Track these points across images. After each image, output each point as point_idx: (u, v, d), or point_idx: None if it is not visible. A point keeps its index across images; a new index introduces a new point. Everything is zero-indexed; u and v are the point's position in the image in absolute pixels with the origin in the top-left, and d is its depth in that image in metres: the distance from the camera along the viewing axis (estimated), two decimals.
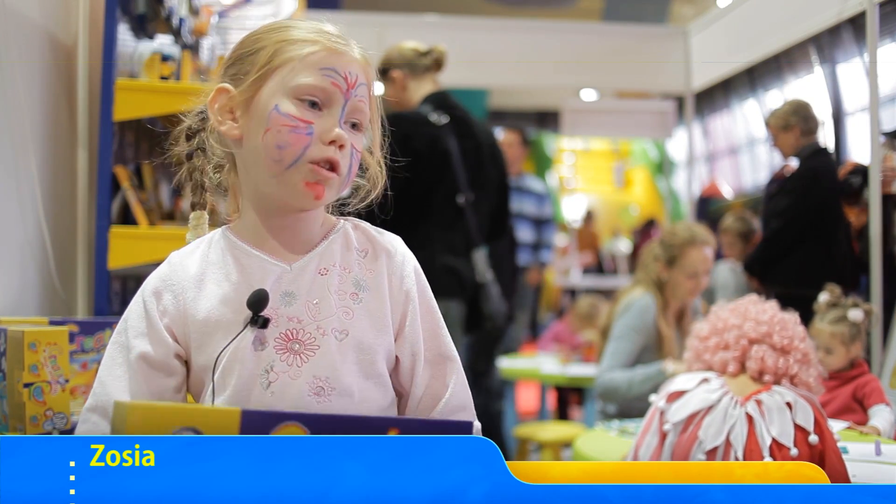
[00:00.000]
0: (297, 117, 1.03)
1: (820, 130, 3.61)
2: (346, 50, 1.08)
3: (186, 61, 2.31)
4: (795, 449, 1.65)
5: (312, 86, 1.04)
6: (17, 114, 2.02)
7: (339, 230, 1.13)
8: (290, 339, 1.05)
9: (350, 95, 1.06)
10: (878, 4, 3.18)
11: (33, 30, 2.13)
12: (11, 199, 2.01)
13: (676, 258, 2.85)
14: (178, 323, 1.07)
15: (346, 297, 1.08)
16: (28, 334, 1.43)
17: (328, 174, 1.04)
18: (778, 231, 3.51)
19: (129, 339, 1.07)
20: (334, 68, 1.06)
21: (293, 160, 1.03)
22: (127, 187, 2.22)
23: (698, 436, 1.74)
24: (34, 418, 1.43)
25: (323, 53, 1.06)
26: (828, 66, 8.85)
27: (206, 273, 1.09)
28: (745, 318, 1.89)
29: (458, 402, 1.12)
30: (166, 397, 1.06)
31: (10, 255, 2.01)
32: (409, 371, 1.11)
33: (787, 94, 9.48)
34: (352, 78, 1.06)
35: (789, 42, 4.18)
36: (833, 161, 3.57)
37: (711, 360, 1.90)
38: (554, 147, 14.41)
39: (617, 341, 2.83)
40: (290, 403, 1.02)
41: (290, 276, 1.07)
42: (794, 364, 1.82)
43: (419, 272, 1.15)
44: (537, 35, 5.25)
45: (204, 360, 1.05)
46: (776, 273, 3.52)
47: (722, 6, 4.95)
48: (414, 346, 1.11)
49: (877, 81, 3.22)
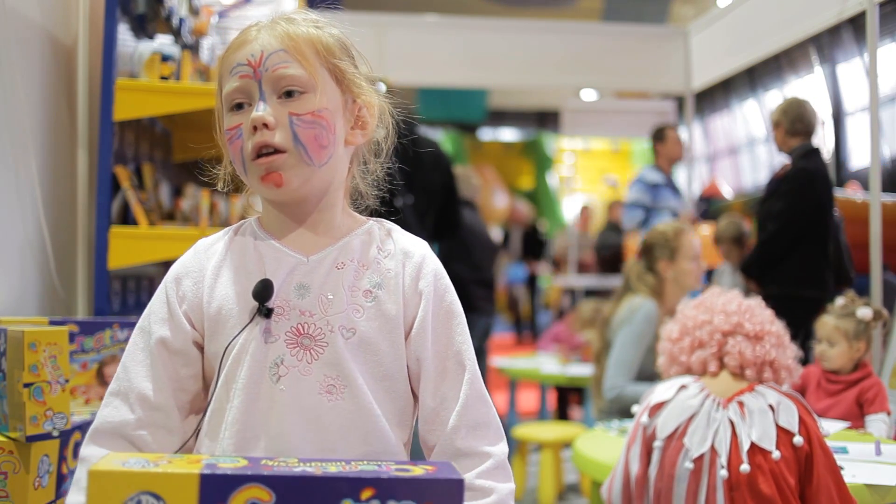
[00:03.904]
0: (229, 128, 1.05)
1: (814, 132, 3.61)
2: (251, 37, 1.06)
3: (186, 61, 2.31)
4: (778, 451, 1.63)
5: (229, 92, 1.05)
6: (17, 114, 2.02)
7: (364, 228, 1.12)
8: (301, 334, 1.02)
9: (260, 74, 1.04)
10: (878, 4, 3.18)
11: (33, 30, 2.13)
12: (11, 199, 2.02)
13: (677, 249, 2.95)
14: (196, 310, 1.06)
15: (359, 295, 1.05)
16: (28, 334, 1.43)
17: (271, 158, 1.02)
18: (773, 234, 3.52)
19: (150, 323, 1.07)
20: (238, 62, 1.05)
21: (241, 165, 1.05)
22: (127, 187, 2.22)
23: (684, 444, 1.72)
24: (34, 418, 1.43)
25: (230, 54, 1.07)
26: (828, 66, 8.86)
27: (227, 261, 1.08)
28: (712, 311, 1.86)
29: (473, 418, 1.05)
30: (185, 385, 1.06)
31: (10, 255, 2.01)
32: (416, 377, 1.07)
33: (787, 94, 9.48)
34: (256, 57, 1.04)
35: (789, 42, 4.18)
36: (824, 162, 3.58)
37: (689, 361, 1.86)
38: (554, 147, 14.41)
39: (623, 350, 2.84)
40: (300, 401, 1.00)
41: (306, 268, 1.06)
42: (770, 349, 1.79)
43: (439, 276, 1.10)
44: (537, 35, 5.25)
45: (215, 349, 1.05)
46: (773, 275, 3.53)
47: (722, 6, 4.96)
48: (419, 350, 1.06)
49: (877, 81, 3.22)
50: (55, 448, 1.50)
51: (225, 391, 1.03)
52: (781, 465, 1.62)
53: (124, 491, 0.78)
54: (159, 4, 2.55)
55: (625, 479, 1.81)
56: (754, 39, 4.42)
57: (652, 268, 2.97)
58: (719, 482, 1.65)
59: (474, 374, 1.08)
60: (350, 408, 1.01)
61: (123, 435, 1.03)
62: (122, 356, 1.09)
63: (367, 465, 0.84)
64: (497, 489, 1.03)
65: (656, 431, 1.78)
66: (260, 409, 1.00)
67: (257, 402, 1.00)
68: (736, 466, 1.64)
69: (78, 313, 2.27)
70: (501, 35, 5.16)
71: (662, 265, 2.94)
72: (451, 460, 1.03)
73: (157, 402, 1.04)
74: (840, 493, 1.61)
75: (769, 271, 3.54)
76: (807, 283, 3.43)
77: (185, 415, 1.06)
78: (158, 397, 1.04)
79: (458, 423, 1.05)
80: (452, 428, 1.04)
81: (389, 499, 0.79)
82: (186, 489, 0.78)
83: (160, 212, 2.42)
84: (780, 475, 1.61)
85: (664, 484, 1.73)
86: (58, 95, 2.27)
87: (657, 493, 1.75)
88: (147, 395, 1.03)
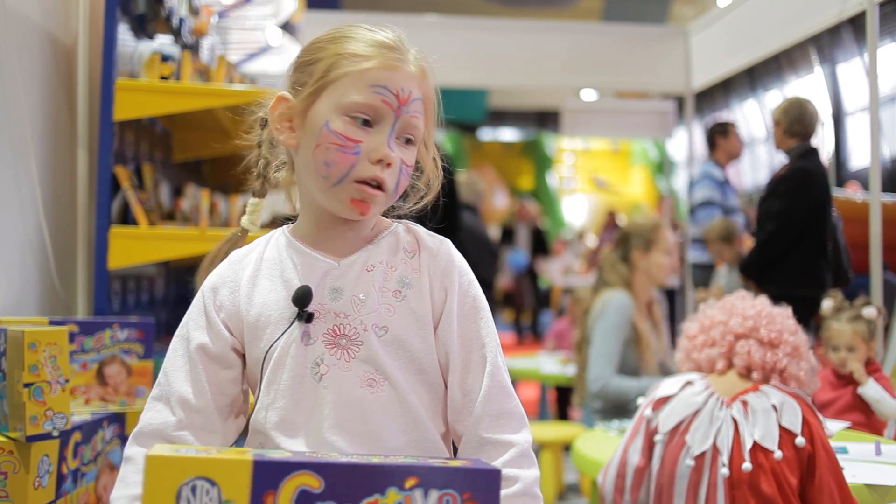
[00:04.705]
0: (345, 136, 1.05)
1: (813, 133, 3.61)
2: (399, 65, 1.08)
3: (186, 61, 2.30)
4: (780, 451, 1.63)
5: (363, 104, 1.05)
6: (17, 114, 2.02)
7: (390, 231, 1.16)
8: (338, 335, 1.07)
9: (401, 112, 1.07)
10: (878, 4, 3.18)
11: (33, 30, 2.13)
12: (11, 199, 2.01)
13: (653, 241, 3.02)
14: (234, 318, 1.11)
15: (389, 295, 1.10)
16: (28, 334, 1.43)
17: (373, 192, 1.06)
18: (771, 233, 3.52)
19: (189, 331, 1.12)
20: (386, 86, 1.06)
21: (339, 178, 1.05)
22: (127, 187, 2.22)
23: (686, 441, 1.72)
24: (34, 418, 1.43)
25: (376, 70, 1.06)
26: (828, 66, 8.86)
27: (261, 270, 1.13)
28: (731, 314, 1.86)
29: (496, 408, 1.10)
30: (224, 389, 1.10)
31: (10, 255, 2.01)
32: (445, 369, 1.12)
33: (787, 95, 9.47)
34: (404, 94, 1.07)
35: (789, 42, 4.18)
36: (821, 163, 3.58)
37: (699, 357, 1.88)
38: (554, 147, 14.41)
39: (602, 343, 2.88)
40: (344, 396, 1.05)
41: (338, 272, 1.10)
42: (783, 358, 1.78)
43: (464, 273, 1.14)
44: (537, 35, 5.25)
45: (257, 354, 1.09)
46: (771, 274, 3.53)
47: (722, 6, 4.96)
48: (447, 344, 1.11)
49: (877, 81, 3.22)
50: (55, 448, 1.50)
51: (266, 393, 1.08)
52: (783, 464, 1.62)
53: (180, 476, 0.81)
54: (159, 4, 2.55)
55: (620, 468, 1.83)
56: (754, 39, 4.42)
57: (626, 258, 3.03)
58: (720, 480, 1.65)
59: (496, 365, 1.12)
60: (392, 399, 1.06)
61: (165, 436, 1.07)
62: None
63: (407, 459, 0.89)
64: (521, 477, 1.06)
65: (659, 426, 1.78)
66: (305, 408, 1.06)
67: (302, 401, 1.06)
68: (738, 465, 1.64)
69: (78, 313, 2.27)
70: (501, 35, 5.16)
71: (636, 255, 3.01)
72: (476, 449, 1.08)
73: (197, 405, 1.08)
74: (842, 494, 1.60)
75: (768, 271, 3.54)
76: (805, 282, 3.43)
77: (225, 417, 1.11)
78: (199, 400, 1.08)
79: (482, 412, 1.09)
80: (477, 418, 1.09)
81: (431, 487, 0.83)
82: (240, 475, 0.81)
83: (160, 212, 2.42)
84: (782, 475, 1.61)
85: (665, 480, 1.74)
86: (58, 95, 2.27)
87: (658, 489, 1.76)
88: (187, 398, 1.08)
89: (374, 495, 0.82)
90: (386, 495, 0.82)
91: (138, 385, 1.82)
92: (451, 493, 0.83)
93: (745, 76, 10.10)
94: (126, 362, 1.81)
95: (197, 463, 0.81)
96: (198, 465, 0.81)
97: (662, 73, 5.24)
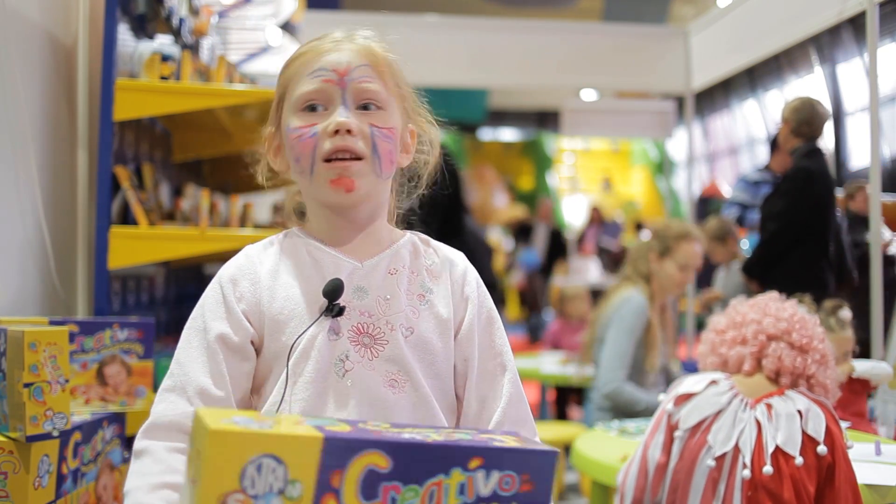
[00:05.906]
0: (300, 126, 1.10)
1: (819, 136, 3.60)
2: (335, 46, 1.12)
3: (186, 61, 2.30)
4: (801, 458, 1.61)
5: (308, 92, 1.10)
6: (16, 114, 2.02)
7: (406, 239, 1.19)
8: (362, 333, 1.09)
9: (346, 83, 1.10)
10: (878, 4, 3.18)
11: (33, 30, 2.13)
12: (11, 199, 2.01)
13: (670, 249, 2.97)
14: (254, 310, 1.11)
15: (414, 297, 1.13)
16: (28, 334, 1.43)
17: (346, 163, 1.08)
18: (774, 233, 3.52)
19: (206, 322, 1.10)
20: (322, 67, 1.10)
21: (310, 165, 1.09)
22: (127, 187, 2.22)
23: (707, 440, 1.70)
24: (34, 418, 1.43)
25: (310, 58, 1.12)
26: (828, 66, 8.86)
27: (281, 265, 1.14)
28: (764, 313, 1.84)
29: (516, 415, 1.13)
30: (239, 382, 1.09)
31: (10, 255, 2.01)
32: (462, 377, 1.14)
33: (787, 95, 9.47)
34: (342, 67, 1.10)
35: (789, 42, 4.17)
36: (825, 163, 3.57)
37: (727, 353, 1.84)
38: (554, 147, 14.41)
39: (616, 343, 2.85)
40: (367, 394, 1.06)
41: (363, 272, 1.12)
42: (811, 364, 1.76)
43: (480, 283, 1.19)
44: (537, 35, 5.24)
45: (276, 348, 1.09)
46: (773, 274, 3.52)
47: (722, 6, 4.95)
48: (467, 351, 1.13)
49: (877, 81, 3.22)
50: (55, 448, 1.50)
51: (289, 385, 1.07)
52: (802, 471, 1.60)
53: (246, 453, 0.74)
54: (159, 4, 2.55)
55: (642, 465, 1.79)
56: (754, 39, 4.42)
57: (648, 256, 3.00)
58: (739, 482, 1.64)
59: (515, 373, 1.15)
60: (413, 399, 1.08)
61: (182, 428, 1.03)
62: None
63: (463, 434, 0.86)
64: None
65: (680, 422, 1.76)
66: (328, 402, 1.06)
67: (324, 395, 1.06)
68: (758, 468, 1.62)
69: (78, 313, 2.27)
70: (501, 35, 5.15)
71: (652, 257, 2.97)
72: None
73: (217, 396, 1.06)
74: None
75: (771, 271, 3.54)
76: (806, 282, 3.42)
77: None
78: (218, 391, 1.06)
79: (503, 419, 1.11)
80: (497, 423, 1.11)
81: (494, 468, 0.81)
82: (308, 453, 0.76)
83: (160, 212, 2.42)
84: (801, 481, 1.60)
85: (682, 476, 1.72)
86: (58, 95, 2.27)
87: (674, 484, 1.74)
88: (207, 389, 1.06)
89: (438, 475, 0.80)
90: (450, 476, 0.80)
91: (138, 385, 1.82)
92: (511, 474, 0.82)
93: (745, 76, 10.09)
94: (126, 362, 1.81)
95: (265, 439, 0.74)
96: (265, 441, 0.74)
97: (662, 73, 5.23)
